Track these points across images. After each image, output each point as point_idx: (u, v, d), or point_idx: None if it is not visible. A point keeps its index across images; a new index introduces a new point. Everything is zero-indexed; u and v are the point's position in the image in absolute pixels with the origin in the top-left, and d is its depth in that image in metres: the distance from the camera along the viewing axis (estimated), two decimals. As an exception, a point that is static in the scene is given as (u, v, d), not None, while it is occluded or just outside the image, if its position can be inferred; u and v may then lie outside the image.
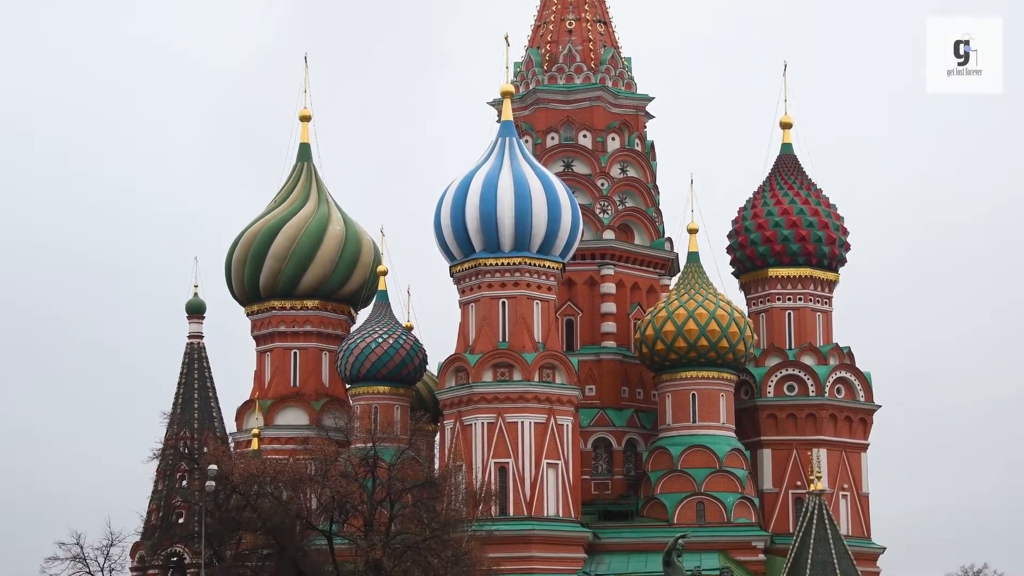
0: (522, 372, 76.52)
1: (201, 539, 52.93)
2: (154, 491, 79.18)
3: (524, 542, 74.15)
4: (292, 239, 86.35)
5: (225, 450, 73.76)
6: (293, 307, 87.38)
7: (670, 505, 78.69)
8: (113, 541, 61.56)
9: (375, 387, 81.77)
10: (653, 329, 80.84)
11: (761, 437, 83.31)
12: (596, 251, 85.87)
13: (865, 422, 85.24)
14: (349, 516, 63.98)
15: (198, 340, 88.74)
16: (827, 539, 72.53)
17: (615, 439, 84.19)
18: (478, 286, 78.24)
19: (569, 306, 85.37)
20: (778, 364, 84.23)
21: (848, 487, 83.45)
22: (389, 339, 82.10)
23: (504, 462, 75.55)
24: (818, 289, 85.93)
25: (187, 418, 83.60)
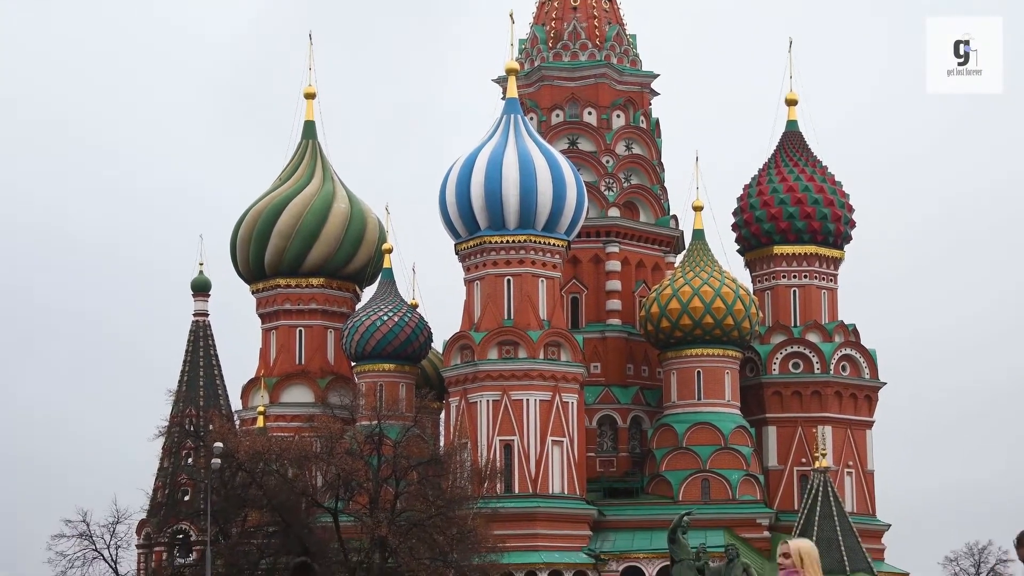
0: (527, 349, 76.53)
1: (207, 516, 52.98)
2: (160, 469, 79.35)
3: (529, 519, 74.26)
4: (297, 217, 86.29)
5: (231, 428, 73.88)
6: (298, 285, 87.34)
7: (675, 482, 78.75)
8: (119, 518, 61.63)
9: (380, 365, 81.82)
10: (658, 306, 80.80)
11: (766, 414, 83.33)
12: (601, 228, 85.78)
13: (870, 399, 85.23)
14: (354, 493, 64.04)
15: (203, 318, 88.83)
16: (832, 516, 72.62)
17: (620, 416, 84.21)
18: (483, 264, 78.21)
19: (574, 283, 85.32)
20: (783, 341, 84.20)
21: (853, 464, 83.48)
22: (394, 317, 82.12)
23: (509, 439, 75.62)
24: (823, 266, 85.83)
25: (193, 396, 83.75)
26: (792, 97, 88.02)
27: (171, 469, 77.99)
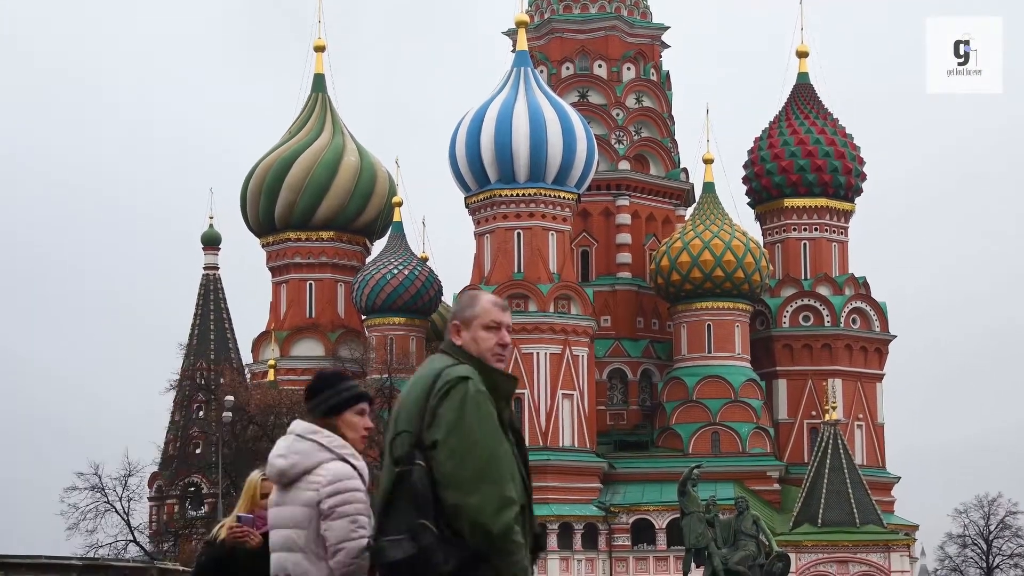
0: (537, 303, 76.57)
1: (218, 469, 53.14)
2: (171, 422, 79.56)
3: (539, 472, 74.42)
4: (307, 170, 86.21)
5: (241, 381, 74.02)
6: (308, 238, 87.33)
7: (685, 435, 78.88)
8: (131, 471, 61.83)
9: (391, 318, 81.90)
10: (668, 260, 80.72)
11: (776, 367, 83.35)
12: (611, 182, 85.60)
13: (880, 352, 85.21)
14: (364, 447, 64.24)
15: (214, 272, 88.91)
16: (842, 469, 72.73)
17: (630, 370, 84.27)
18: (493, 217, 78.14)
19: (584, 237, 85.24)
20: (793, 294, 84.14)
21: (863, 417, 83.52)
22: (404, 270, 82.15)
23: (519, 392, 75.72)
24: (834, 219, 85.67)
25: (203, 349, 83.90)
26: (803, 49, 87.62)
27: (182, 422, 78.18)
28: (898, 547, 74.03)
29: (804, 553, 70.64)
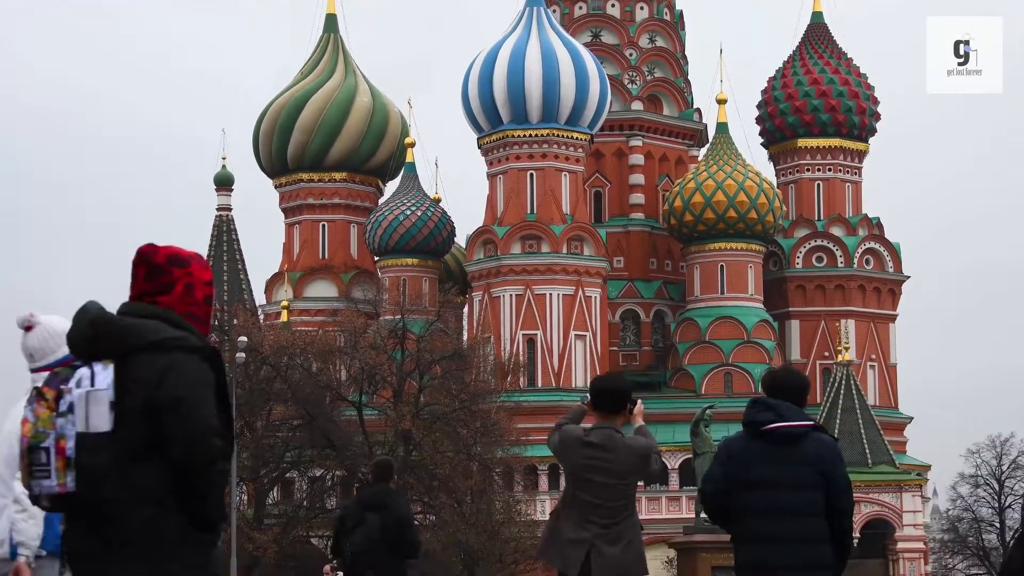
0: (550, 244, 76.54)
1: (232, 410, 53.27)
2: (185, 363, 79.74)
3: (552, 413, 74.19)
4: (319, 111, 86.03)
5: (255, 322, 74.07)
6: (321, 179, 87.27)
7: (698, 376, 78.99)
8: (146, 412, 61.91)
9: (403, 259, 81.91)
10: (681, 200, 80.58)
11: (789, 308, 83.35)
12: (624, 122, 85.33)
13: (894, 293, 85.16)
14: (378, 387, 64.34)
15: (227, 212, 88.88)
16: (854, 409, 72.78)
17: (643, 311, 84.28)
18: (506, 158, 78.01)
19: (597, 178, 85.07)
20: (807, 235, 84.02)
21: (876, 358, 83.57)
22: (417, 211, 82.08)
23: (532, 334, 75.83)
24: (848, 159, 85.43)
25: (217, 290, 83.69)
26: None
27: (196, 363, 78.26)
28: (910, 487, 74.17)
29: (816, 493, 70.87)
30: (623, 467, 9.13)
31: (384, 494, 12.96)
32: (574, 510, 9.38)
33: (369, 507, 12.87)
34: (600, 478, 9.26)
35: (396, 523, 12.67)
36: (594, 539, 9.21)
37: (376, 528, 12.62)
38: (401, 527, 12.69)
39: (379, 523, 12.63)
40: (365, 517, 12.76)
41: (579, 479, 9.39)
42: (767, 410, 8.31)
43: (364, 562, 12.68)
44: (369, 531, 12.65)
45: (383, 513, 12.66)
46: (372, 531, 12.63)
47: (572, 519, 9.36)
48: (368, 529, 12.66)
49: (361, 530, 12.72)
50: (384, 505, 12.70)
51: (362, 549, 12.65)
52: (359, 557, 12.69)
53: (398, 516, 12.68)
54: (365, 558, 12.68)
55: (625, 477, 9.26)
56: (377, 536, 12.59)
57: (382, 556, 12.60)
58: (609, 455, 9.23)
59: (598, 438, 9.31)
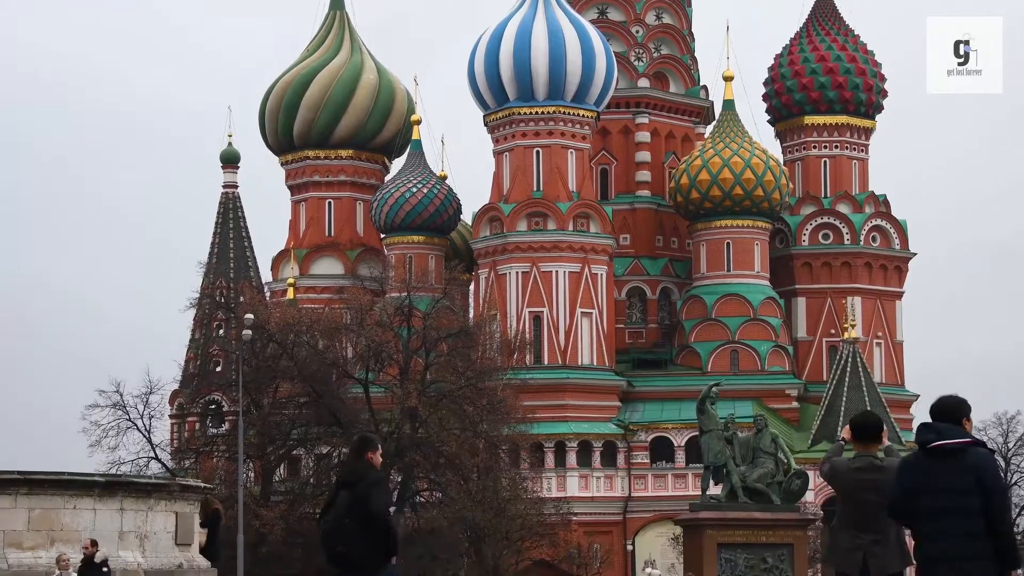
0: (556, 221, 76.51)
1: (238, 387, 53.27)
2: (191, 340, 79.77)
3: (559, 390, 74.69)
4: (325, 88, 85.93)
5: (261, 299, 74.13)
6: (327, 157, 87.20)
7: (704, 353, 78.98)
8: (152, 389, 62.02)
9: (410, 236, 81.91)
10: (688, 178, 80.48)
11: (796, 285, 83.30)
12: (631, 99, 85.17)
13: (900, 270, 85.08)
14: (385, 365, 64.38)
15: (233, 190, 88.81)
16: (861, 387, 72.87)
17: (649, 288, 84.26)
18: (512, 135, 77.94)
19: (603, 155, 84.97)
20: (813, 212, 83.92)
21: (882, 335, 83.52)
22: (423, 188, 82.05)
23: (538, 311, 75.85)
24: (854, 137, 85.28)
25: (223, 267, 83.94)
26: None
27: (203, 340, 78.36)
28: (916, 464, 74.22)
29: (822, 470, 70.90)
30: (887, 485, 10.88)
31: (355, 471, 12.87)
32: (849, 523, 11.84)
33: (342, 484, 12.82)
34: (871, 496, 11.54)
35: (363, 495, 12.56)
36: (869, 545, 11.67)
37: (344, 506, 12.56)
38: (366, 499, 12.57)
39: (346, 500, 12.56)
40: (338, 495, 12.71)
41: (851, 499, 11.81)
42: (930, 432, 10.34)
43: (335, 539, 12.60)
44: (338, 509, 12.59)
45: (353, 490, 12.59)
46: (341, 508, 12.58)
47: (848, 531, 11.84)
48: (338, 507, 12.61)
49: (332, 508, 12.67)
50: (356, 482, 12.63)
51: (333, 527, 12.58)
52: (330, 535, 12.62)
53: (363, 493, 12.56)
54: (335, 535, 12.60)
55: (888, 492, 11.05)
56: (344, 513, 12.53)
57: (352, 533, 12.52)
58: (877, 476, 11.48)
59: (863, 464, 11.64)
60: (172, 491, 21.15)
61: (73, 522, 19.39)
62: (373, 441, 13.26)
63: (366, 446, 13.11)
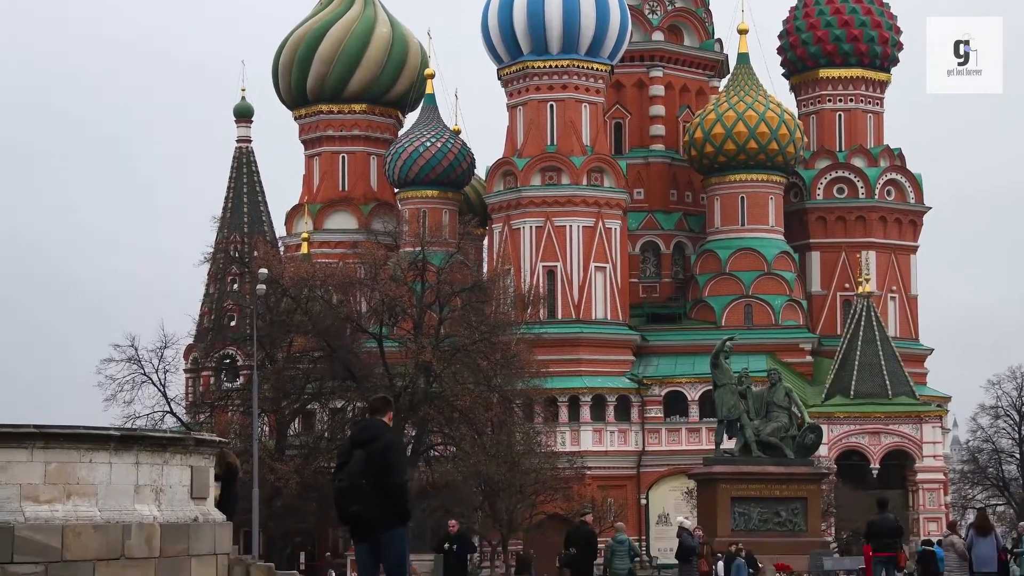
0: (570, 175, 76.37)
1: (253, 342, 53.32)
2: (206, 294, 79.83)
3: (572, 345, 74.74)
4: (339, 42, 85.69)
5: (275, 254, 74.11)
6: (341, 111, 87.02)
7: (718, 308, 78.93)
8: (167, 343, 62.04)
9: (423, 191, 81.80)
10: (702, 132, 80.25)
11: (810, 240, 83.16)
12: (645, 53, 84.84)
13: (915, 224, 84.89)
14: (398, 319, 64.42)
15: (246, 144, 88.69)
16: (875, 341, 72.84)
17: (663, 242, 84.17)
18: (526, 89, 77.72)
19: (617, 109, 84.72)
20: (828, 166, 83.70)
21: (897, 289, 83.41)
22: (437, 143, 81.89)
23: (552, 266, 75.82)
24: (869, 90, 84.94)
25: (237, 222, 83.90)
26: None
27: (217, 295, 78.39)
28: (930, 418, 74.31)
29: (836, 425, 71.03)
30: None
31: (370, 429, 12.86)
32: None
33: (356, 443, 12.80)
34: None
35: (380, 457, 12.56)
36: None
37: (360, 463, 12.55)
38: (385, 462, 12.57)
39: (362, 459, 12.54)
40: (352, 454, 12.68)
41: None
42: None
43: (349, 498, 12.59)
44: (353, 467, 12.57)
45: (369, 448, 12.57)
46: (356, 467, 12.55)
47: None
48: (353, 466, 12.58)
49: (346, 467, 12.65)
50: (370, 440, 12.62)
51: (347, 484, 12.56)
52: (344, 493, 12.61)
53: (381, 457, 12.55)
54: (349, 494, 12.59)
55: None
56: (359, 471, 12.51)
57: (366, 492, 12.51)
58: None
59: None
60: (187, 445, 21.18)
61: (89, 476, 19.45)
62: (388, 402, 13.29)
63: (386, 406, 13.13)
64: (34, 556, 18.58)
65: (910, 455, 72.68)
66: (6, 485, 18.57)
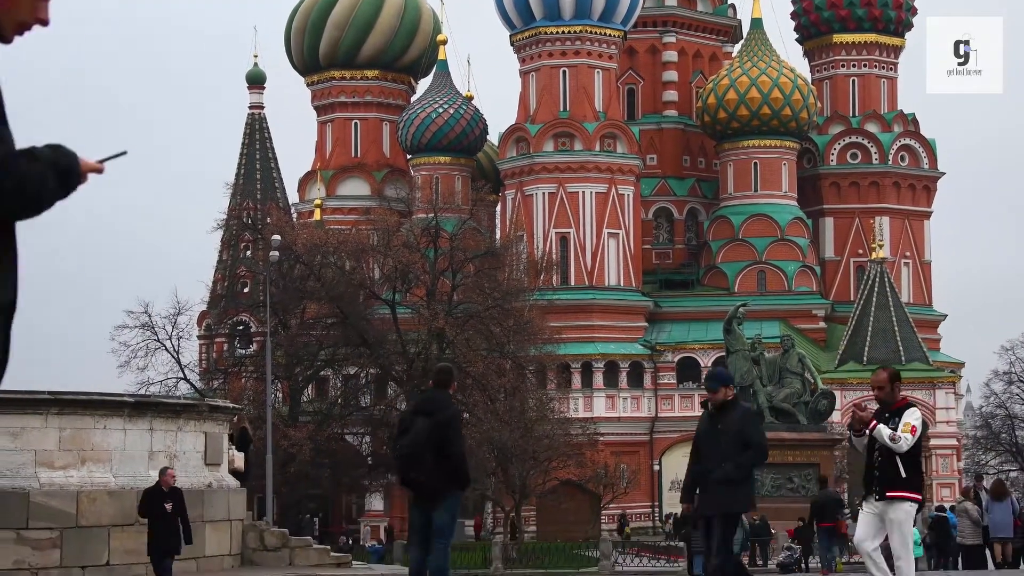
0: (583, 141, 76.26)
1: (266, 308, 53.39)
2: (219, 261, 79.89)
3: (585, 311, 74.76)
4: (351, 8, 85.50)
5: (288, 220, 74.13)
6: (353, 77, 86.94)
7: (731, 274, 78.90)
8: (180, 310, 62.16)
9: (436, 157, 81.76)
10: (715, 97, 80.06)
11: (823, 205, 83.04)
12: (658, 18, 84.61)
13: (929, 189, 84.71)
14: (411, 286, 64.46)
15: (259, 111, 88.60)
16: (888, 307, 72.75)
17: (676, 208, 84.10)
18: (539, 55, 77.55)
19: (630, 75, 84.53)
20: (841, 132, 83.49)
21: (910, 255, 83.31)
22: (450, 109, 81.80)
23: (565, 232, 75.77)
24: (883, 55, 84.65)
25: (250, 189, 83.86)
26: None
27: (230, 262, 78.42)
28: (943, 384, 74.29)
29: (849, 390, 70.96)
30: None
31: (433, 400, 13.16)
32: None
33: (419, 412, 13.09)
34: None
35: (443, 429, 12.88)
36: None
37: (423, 432, 12.84)
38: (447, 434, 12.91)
39: (426, 427, 12.85)
40: (415, 421, 12.99)
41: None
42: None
43: (409, 466, 12.92)
44: (416, 435, 12.87)
45: (431, 418, 12.88)
46: (419, 435, 12.85)
47: None
48: (415, 433, 12.88)
49: (409, 435, 12.96)
50: (434, 411, 12.93)
51: (408, 452, 12.90)
52: (405, 461, 12.97)
53: (443, 430, 12.90)
54: (410, 463, 12.92)
55: None
56: (423, 440, 12.82)
57: (427, 460, 12.81)
58: None
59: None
60: (201, 411, 21.26)
61: (103, 442, 19.53)
62: (452, 372, 13.59)
63: (450, 378, 13.42)
64: (49, 521, 18.74)
65: (923, 421, 72.69)
66: (21, 451, 18.71)
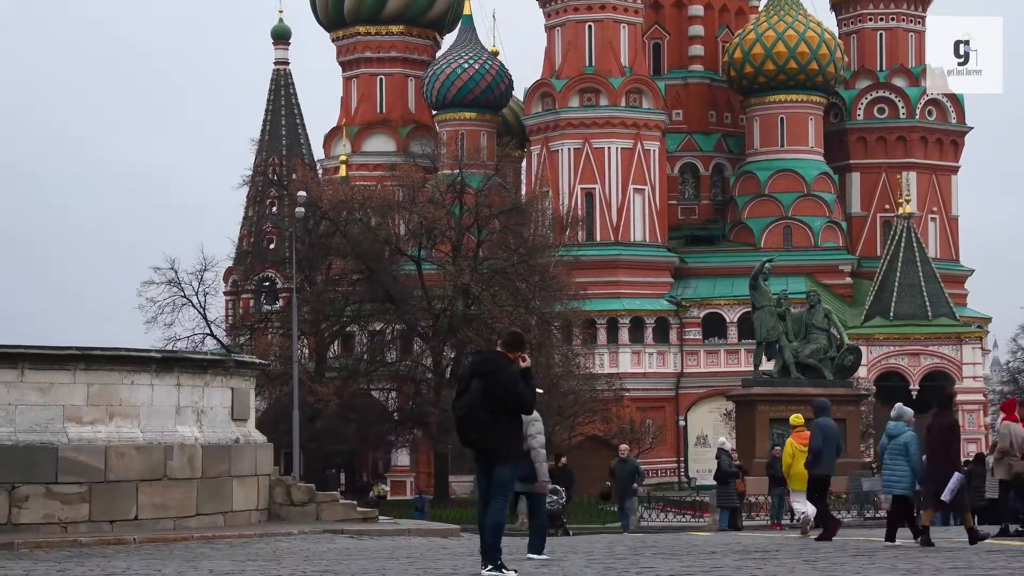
0: (608, 97, 76.01)
1: (292, 264, 53.44)
2: (245, 217, 79.93)
3: (611, 267, 74.71)
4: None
5: (313, 176, 74.11)
6: (378, 32, 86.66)
7: (757, 229, 78.71)
8: (207, 266, 62.16)
9: (461, 113, 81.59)
10: (741, 52, 79.69)
11: (850, 160, 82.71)
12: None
13: (956, 144, 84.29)
14: (437, 242, 64.44)
15: (284, 67, 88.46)
16: (915, 262, 72.50)
17: (702, 164, 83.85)
18: (564, 9, 77.24)
19: (656, 29, 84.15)
20: (868, 86, 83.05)
21: (937, 210, 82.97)
22: (475, 64, 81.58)
23: (591, 188, 75.65)
24: (911, 8, 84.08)
25: (275, 145, 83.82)
26: None
27: (256, 218, 78.44)
28: (970, 339, 74.07)
29: (875, 346, 70.86)
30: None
31: (492, 361, 13.23)
32: None
33: (476, 373, 13.17)
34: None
35: (506, 389, 12.97)
36: None
37: (479, 393, 12.94)
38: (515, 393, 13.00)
39: (481, 390, 12.94)
40: (471, 383, 13.08)
41: None
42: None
43: (467, 427, 13.05)
44: (473, 397, 12.98)
45: (489, 380, 12.97)
46: (475, 396, 12.96)
47: None
48: (472, 395, 12.99)
49: (465, 396, 13.07)
50: (490, 372, 13.02)
51: (465, 414, 13.02)
52: (463, 421, 13.11)
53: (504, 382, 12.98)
54: (468, 424, 13.04)
55: None
56: (479, 402, 12.92)
57: (485, 421, 12.90)
58: None
59: None
60: (228, 367, 21.31)
61: (131, 397, 19.62)
62: (522, 340, 13.61)
63: (517, 344, 13.43)
64: (78, 476, 18.84)
65: (950, 376, 72.50)
66: (50, 406, 18.82)
